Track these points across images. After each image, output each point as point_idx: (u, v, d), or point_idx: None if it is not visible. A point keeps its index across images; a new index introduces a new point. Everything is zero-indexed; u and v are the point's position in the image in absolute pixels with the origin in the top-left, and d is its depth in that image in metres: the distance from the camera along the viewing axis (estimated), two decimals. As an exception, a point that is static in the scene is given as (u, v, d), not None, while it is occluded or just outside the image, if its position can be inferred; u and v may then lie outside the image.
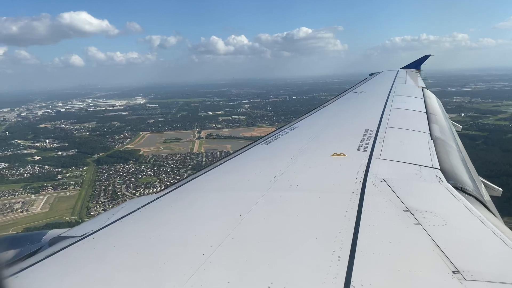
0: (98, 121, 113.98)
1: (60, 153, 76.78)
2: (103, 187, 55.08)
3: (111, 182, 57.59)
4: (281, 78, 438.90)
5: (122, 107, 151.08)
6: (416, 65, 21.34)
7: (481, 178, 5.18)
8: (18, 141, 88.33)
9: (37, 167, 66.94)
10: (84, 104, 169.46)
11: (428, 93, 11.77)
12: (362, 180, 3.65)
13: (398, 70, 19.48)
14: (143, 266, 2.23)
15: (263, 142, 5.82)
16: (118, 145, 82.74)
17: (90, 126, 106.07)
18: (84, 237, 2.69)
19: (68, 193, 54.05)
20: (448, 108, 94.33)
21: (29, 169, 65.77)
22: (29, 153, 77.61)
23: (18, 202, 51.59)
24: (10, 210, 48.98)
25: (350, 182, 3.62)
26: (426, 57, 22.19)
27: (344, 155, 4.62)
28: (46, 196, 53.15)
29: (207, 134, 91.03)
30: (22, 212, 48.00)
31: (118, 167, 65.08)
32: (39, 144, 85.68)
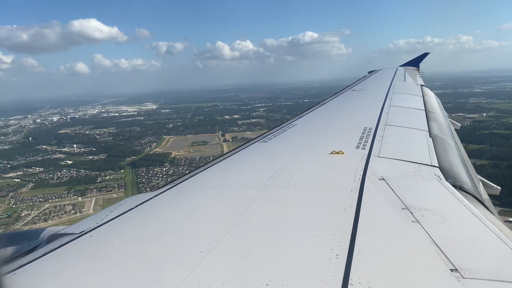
0: (117, 126, 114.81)
1: (90, 157, 77.49)
2: (148, 189, 55.67)
3: (153, 183, 58.16)
4: (285, 83, 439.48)
5: (135, 113, 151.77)
6: (415, 63, 21.08)
7: (479, 177, 5.27)
8: (44, 147, 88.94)
9: (73, 171, 67.73)
10: (96, 110, 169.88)
11: (427, 91, 11.77)
12: (360, 178, 3.65)
13: (397, 68, 19.35)
14: (141, 263, 2.25)
15: (262, 139, 5.81)
16: (147, 148, 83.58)
17: (110, 131, 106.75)
18: (82, 234, 2.69)
19: (114, 195, 54.74)
20: (467, 108, 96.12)
21: (66, 173, 66.63)
22: (59, 157, 78.49)
23: (68, 204, 52.53)
24: (63, 212, 49.90)
25: (349, 180, 3.62)
26: (425, 55, 21.97)
27: (343, 153, 4.63)
28: (94, 198, 54.10)
29: (232, 137, 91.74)
30: (75, 213, 48.60)
31: (156, 169, 65.81)
32: (66, 149, 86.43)
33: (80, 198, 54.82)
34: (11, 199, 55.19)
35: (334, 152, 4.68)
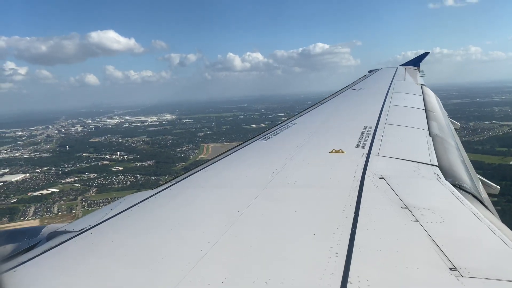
0: (147, 135, 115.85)
1: (138, 163, 78.23)
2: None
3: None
4: (294, 94, 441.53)
5: (157, 123, 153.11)
6: (415, 62, 20.97)
7: (478, 176, 5.27)
8: (84, 154, 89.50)
9: (129, 176, 68.52)
10: (115, 120, 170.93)
11: (427, 90, 11.84)
12: (360, 177, 3.67)
13: (397, 67, 19.25)
14: (141, 261, 2.25)
15: (262, 138, 5.83)
16: (192, 155, 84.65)
17: (143, 140, 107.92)
18: (81, 232, 2.71)
19: (187, 198, 55.30)
20: (497, 117, 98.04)
21: (122, 178, 67.66)
22: (107, 164, 79.13)
23: (145, 207, 52.76)
24: (144, 213, 50.15)
25: (349, 178, 3.64)
26: (426, 54, 21.98)
27: (342, 151, 4.64)
28: (168, 201, 54.38)
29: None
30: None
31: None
32: (108, 156, 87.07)
33: (153, 201, 55.44)
34: (83, 203, 56.36)
35: (334, 150, 4.70)
